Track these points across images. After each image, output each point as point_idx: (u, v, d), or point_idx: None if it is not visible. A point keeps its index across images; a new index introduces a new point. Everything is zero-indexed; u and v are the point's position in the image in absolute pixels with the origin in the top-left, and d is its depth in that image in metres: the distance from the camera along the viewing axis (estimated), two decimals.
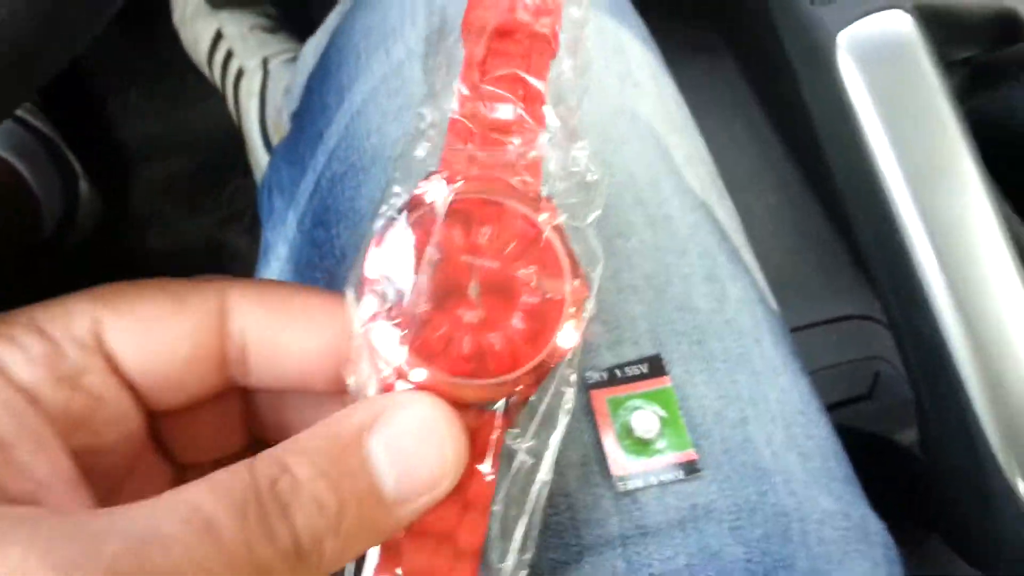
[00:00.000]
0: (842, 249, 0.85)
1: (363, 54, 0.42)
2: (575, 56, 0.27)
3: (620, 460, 0.31)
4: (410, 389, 0.23)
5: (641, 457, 0.31)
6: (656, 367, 0.33)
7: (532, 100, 0.26)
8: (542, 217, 0.24)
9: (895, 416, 0.67)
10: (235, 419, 0.27)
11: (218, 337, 0.23)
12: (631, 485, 0.31)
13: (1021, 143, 0.47)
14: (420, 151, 0.26)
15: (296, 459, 0.20)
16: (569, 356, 0.24)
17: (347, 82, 0.42)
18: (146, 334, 0.22)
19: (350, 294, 0.24)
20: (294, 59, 0.86)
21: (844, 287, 0.83)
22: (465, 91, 0.26)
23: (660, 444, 0.31)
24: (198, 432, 0.26)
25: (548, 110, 0.26)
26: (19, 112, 0.82)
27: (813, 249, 0.85)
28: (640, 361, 0.33)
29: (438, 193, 0.24)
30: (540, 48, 0.26)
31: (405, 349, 0.23)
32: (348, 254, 0.37)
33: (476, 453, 0.23)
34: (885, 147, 0.35)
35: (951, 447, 0.36)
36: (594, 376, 0.32)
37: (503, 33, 0.26)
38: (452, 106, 0.26)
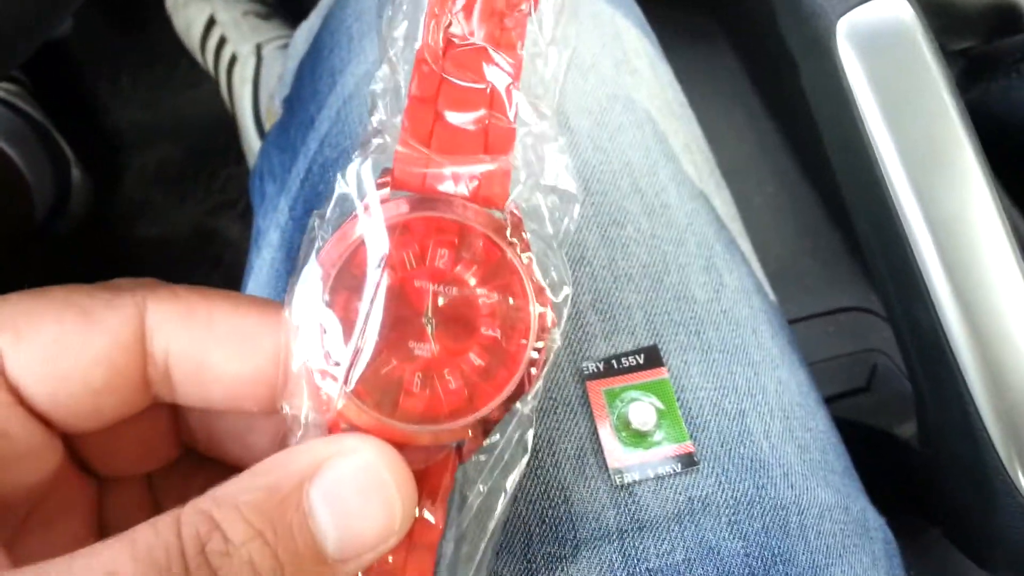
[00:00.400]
0: (840, 240, 0.84)
1: (356, 37, 0.41)
2: (559, 16, 0.23)
3: (617, 452, 0.30)
4: (354, 432, 0.20)
5: (638, 449, 0.31)
6: (652, 358, 0.32)
7: (505, 89, 0.22)
8: (506, 238, 0.22)
9: (893, 409, 0.67)
10: (164, 432, 0.25)
11: (137, 358, 0.21)
12: (628, 478, 0.30)
13: (1020, 136, 0.47)
14: (372, 148, 0.22)
15: (228, 515, 0.18)
16: (532, 393, 0.22)
17: (339, 66, 0.41)
18: (53, 360, 0.20)
19: (289, 316, 0.21)
20: (288, 45, 0.85)
21: (842, 279, 0.82)
22: (427, 64, 0.22)
23: (657, 436, 0.31)
24: (123, 448, 0.24)
25: (520, 97, 0.23)
26: (10, 97, 0.81)
27: (811, 240, 0.85)
28: (636, 352, 0.32)
29: (388, 209, 0.21)
30: (518, 15, 0.23)
31: (348, 391, 0.20)
32: None
33: (426, 494, 0.21)
34: (884, 136, 0.35)
35: (951, 440, 0.36)
36: (590, 367, 0.32)
37: None
38: (411, 89, 0.22)
